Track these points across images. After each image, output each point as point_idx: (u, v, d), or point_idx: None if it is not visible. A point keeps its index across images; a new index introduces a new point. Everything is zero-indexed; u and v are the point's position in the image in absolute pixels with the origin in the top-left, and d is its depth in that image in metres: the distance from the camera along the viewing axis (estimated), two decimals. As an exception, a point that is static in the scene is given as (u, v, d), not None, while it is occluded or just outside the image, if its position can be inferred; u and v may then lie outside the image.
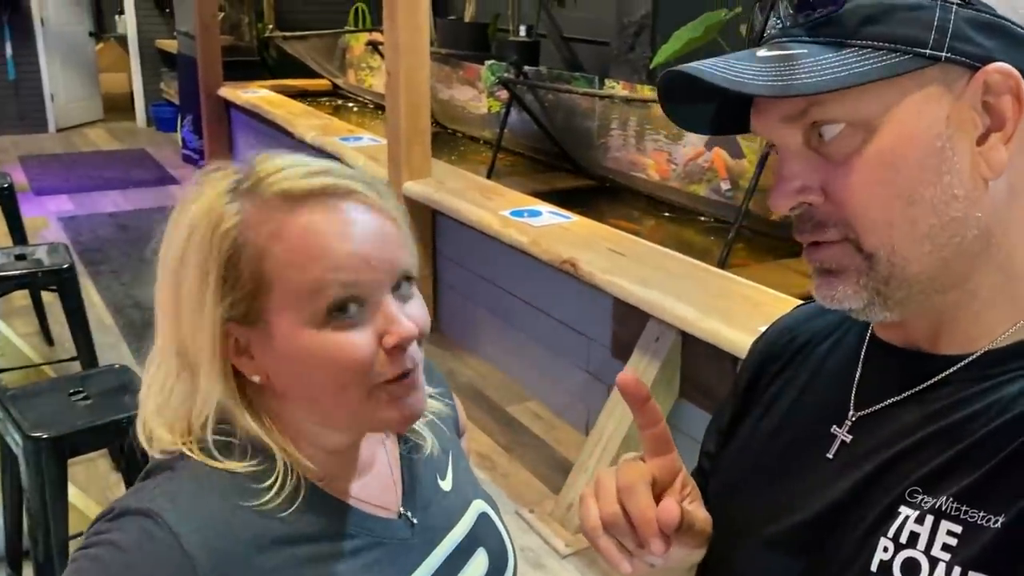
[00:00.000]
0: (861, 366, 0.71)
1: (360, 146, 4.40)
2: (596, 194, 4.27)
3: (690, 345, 2.50)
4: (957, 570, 0.57)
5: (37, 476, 1.96)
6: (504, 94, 4.66)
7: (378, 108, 6.08)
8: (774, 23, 0.64)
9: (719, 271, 2.79)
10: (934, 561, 0.58)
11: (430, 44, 5.76)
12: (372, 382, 0.73)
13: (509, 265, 3.43)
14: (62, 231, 5.45)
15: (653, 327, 2.60)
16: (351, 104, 6.61)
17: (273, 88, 6.23)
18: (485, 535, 0.91)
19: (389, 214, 0.76)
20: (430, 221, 3.88)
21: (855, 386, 0.70)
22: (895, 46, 0.58)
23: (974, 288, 0.62)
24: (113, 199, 6.21)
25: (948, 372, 0.64)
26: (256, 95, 5.85)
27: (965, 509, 0.58)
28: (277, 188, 0.73)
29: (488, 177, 4.20)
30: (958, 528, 0.58)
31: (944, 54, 0.58)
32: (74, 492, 2.34)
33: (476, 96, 5.22)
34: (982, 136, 0.60)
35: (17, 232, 3.90)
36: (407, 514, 0.84)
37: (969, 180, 0.60)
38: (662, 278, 2.64)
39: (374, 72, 6.35)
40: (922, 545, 0.59)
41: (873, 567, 0.61)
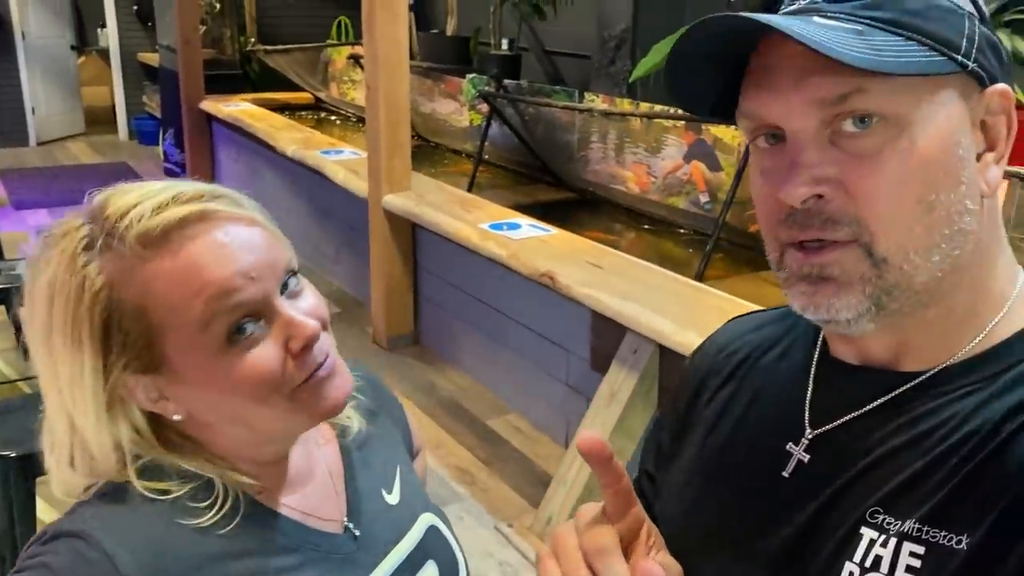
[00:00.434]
0: (813, 383, 0.69)
1: (341, 159, 4.39)
2: (577, 206, 4.27)
3: (668, 358, 2.50)
4: None
5: (4, 495, 1.94)
6: (485, 107, 4.67)
7: (360, 121, 6.08)
8: None
9: (696, 284, 2.79)
10: None
11: (412, 58, 5.80)
12: (291, 387, 0.73)
13: (489, 278, 3.42)
14: (41, 245, 5.39)
15: (631, 340, 2.60)
16: (334, 117, 6.61)
17: (255, 101, 6.21)
18: (435, 548, 0.90)
19: (251, 219, 0.75)
20: (410, 234, 3.87)
21: (807, 403, 0.68)
22: (935, 44, 0.57)
23: (951, 305, 0.62)
24: (93, 213, 6.15)
25: (904, 388, 0.63)
26: (238, 108, 5.84)
27: (928, 530, 0.57)
28: (134, 234, 0.70)
29: (469, 190, 4.19)
30: (921, 550, 0.57)
31: (972, 64, 0.58)
32: (43, 507, 2.32)
33: (458, 109, 5.23)
34: (979, 154, 0.60)
35: (-6, 247, 3.87)
36: (351, 527, 0.83)
37: (976, 194, 0.60)
38: (639, 291, 2.64)
39: (356, 85, 6.35)
40: (886, 567, 0.58)
41: None
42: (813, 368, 0.70)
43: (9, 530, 1.96)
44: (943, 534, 0.56)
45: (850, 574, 0.59)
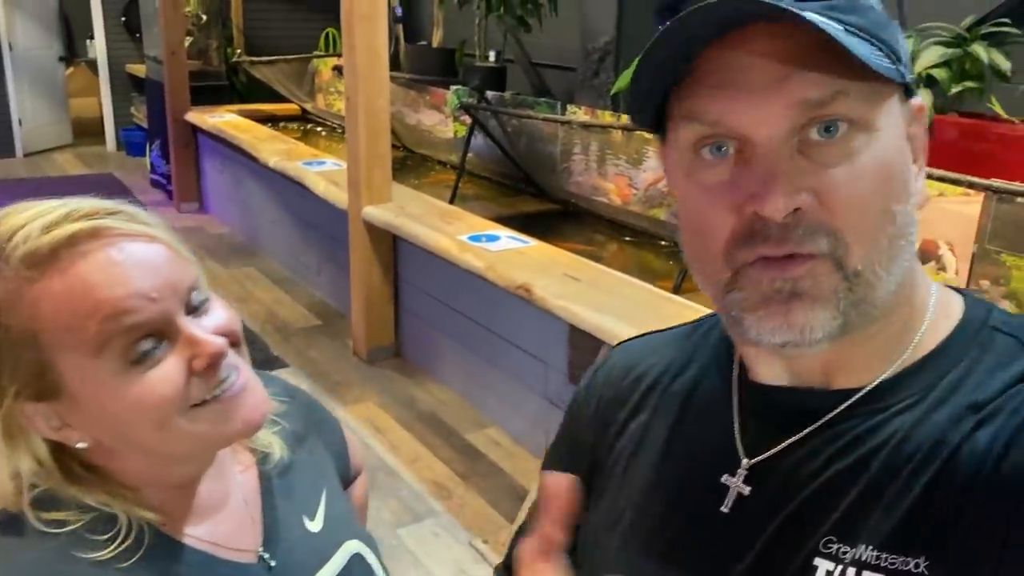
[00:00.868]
0: (738, 408, 0.66)
1: (323, 170, 4.37)
2: (559, 218, 4.26)
3: (643, 371, 2.48)
4: None
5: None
6: (468, 119, 4.66)
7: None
8: None
9: (672, 296, 2.77)
10: None
11: (399, 70, 5.79)
12: (191, 405, 0.70)
13: (469, 290, 3.40)
14: (23, 257, 5.36)
15: (607, 353, 2.57)
16: (320, 129, 6.59)
17: (241, 113, 6.20)
18: None
19: (150, 236, 0.71)
20: (391, 246, 3.85)
21: (737, 431, 0.65)
22: (888, 52, 0.56)
23: (892, 319, 0.60)
24: (77, 224, 6.12)
25: (842, 408, 0.60)
26: (222, 120, 5.82)
27: (885, 556, 0.55)
28: (20, 254, 0.66)
29: (451, 202, 4.18)
30: None
31: (909, 75, 0.57)
32: None
33: (442, 121, 5.22)
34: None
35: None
36: (266, 557, 0.81)
37: (915, 205, 0.58)
38: (616, 303, 2.62)
39: (342, 96, 6.33)
40: None
41: None
42: (736, 393, 0.67)
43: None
44: (901, 559, 0.54)
45: None
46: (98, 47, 8.61)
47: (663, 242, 3.81)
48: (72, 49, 9.67)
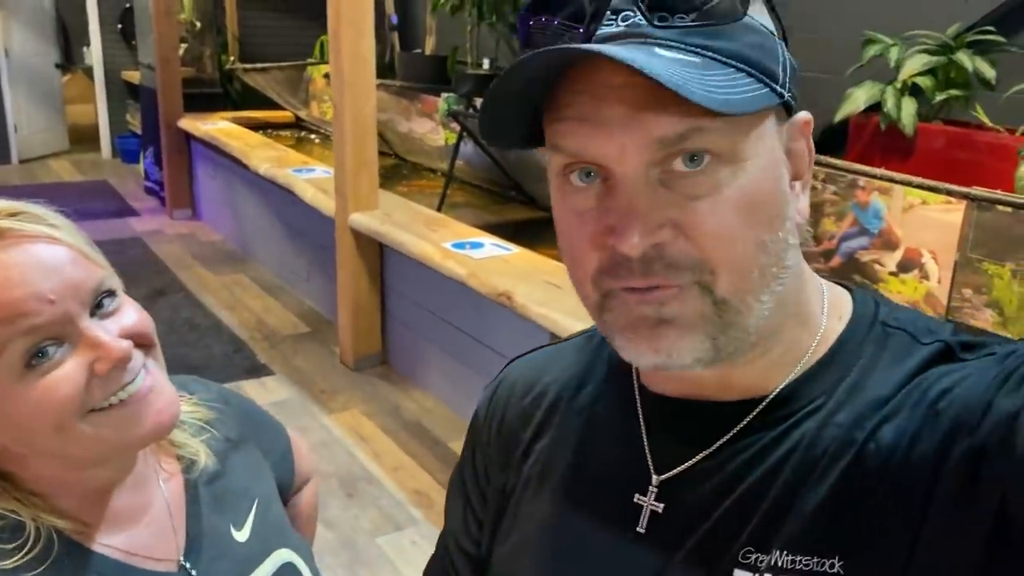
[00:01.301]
0: (645, 424, 0.65)
1: (312, 178, 4.37)
2: (548, 225, 4.23)
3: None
4: None
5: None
6: (458, 126, 4.65)
7: (339, 140, 6.06)
8: (625, 11, 0.53)
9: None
10: None
11: (393, 77, 5.79)
12: (89, 408, 0.69)
13: (454, 298, 3.39)
14: (13, 263, 5.35)
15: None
16: (313, 136, 6.60)
17: (235, 120, 6.20)
18: None
19: (52, 237, 0.70)
20: (378, 253, 3.84)
21: (647, 448, 0.64)
22: (761, 75, 0.54)
23: (777, 339, 0.60)
24: (70, 231, 6.13)
25: (747, 419, 0.60)
26: (215, 127, 5.82)
27: (800, 559, 0.55)
28: None
29: (439, 209, 4.17)
30: None
31: (787, 94, 0.56)
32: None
33: (434, 128, 5.21)
34: (789, 183, 0.58)
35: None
36: (187, 566, 0.79)
37: (794, 227, 0.57)
38: (596, 311, 2.61)
39: (335, 104, 6.34)
40: None
41: None
42: (639, 408, 0.66)
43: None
44: (816, 560, 0.55)
45: None
46: (94, 54, 8.63)
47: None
48: (69, 56, 9.70)
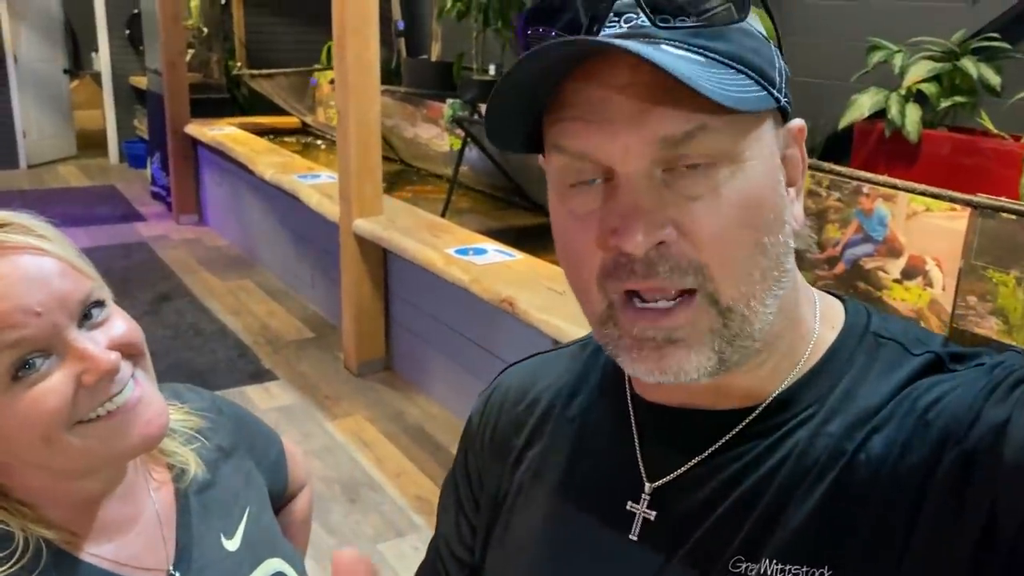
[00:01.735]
0: (638, 431, 0.65)
1: (317, 183, 4.38)
2: (551, 231, 4.24)
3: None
4: None
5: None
6: (462, 132, 4.65)
7: (345, 146, 6.07)
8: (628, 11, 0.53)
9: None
10: None
11: (399, 83, 5.80)
12: (77, 420, 0.69)
13: (457, 304, 3.39)
14: (20, 268, 5.37)
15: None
16: (319, 142, 6.61)
17: (242, 125, 6.22)
18: None
19: (40, 249, 0.70)
20: (381, 259, 3.84)
21: (640, 456, 0.64)
22: (759, 79, 0.54)
23: (776, 346, 0.59)
24: (77, 236, 6.12)
25: (740, 427, 0.60)
26: (221, 132, 5.84)
27: (789, 568, 0.55)
28: None
29: (443, 215, 4.17)
30: None
31: (783, 99, 0.56)
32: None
33: (439, 134, 5.22)
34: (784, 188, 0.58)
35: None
36: (176, 575, 0.79)
37: (791, 232, 0.57)
38: (599, 317, 2.60)
39: (342, 110, 6.35)
40: None
41: None
42: (632, 416, 0.65)
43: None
44: (805, 570, 0.55)
45: None
46: (102, 60, 8.67)
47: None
48: (77, 62, 9.75)
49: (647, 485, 0.62)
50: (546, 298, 2.75)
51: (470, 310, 3.28)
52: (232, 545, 0.85)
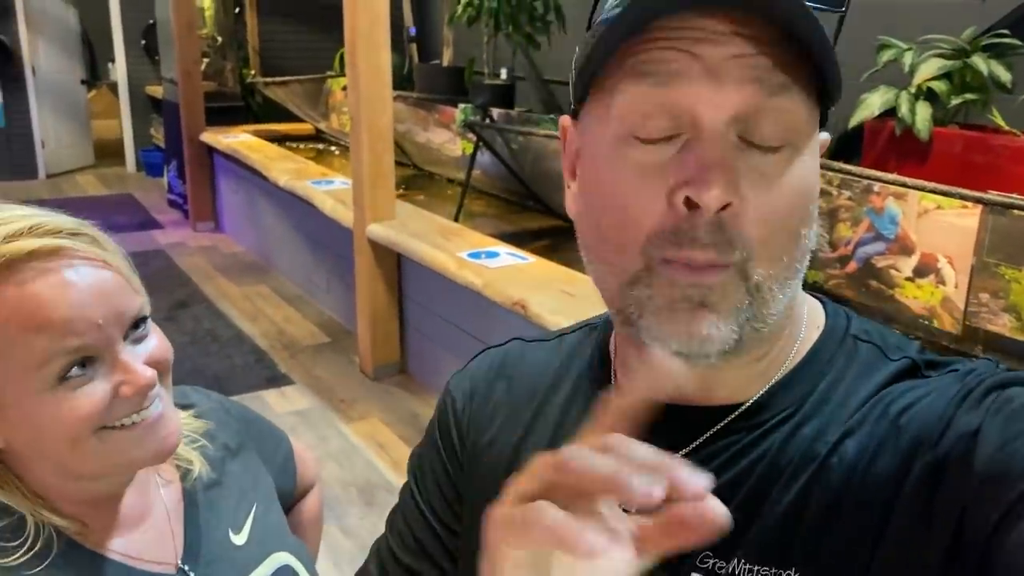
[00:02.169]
0: None
1: (330, 189, 4.41)
2: (564, 234, 4.26)
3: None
4: None
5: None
6: (474, 136, 4.68)
7: (359, 151, 6.11)
8: None
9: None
10: None
11: (412, 88, 5.84)
12: (105, 426, 0.72)
13: (470, 307, 3.41)
14: (40, 276, 5.44)
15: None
16: (333, 148, 6.66)
17: (256, 133, 6.28)
18: None
19: (105, 262, 0.74)
20: (395, 263, 3.87)
21: None
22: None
23: (776, 341, 0.60)
24: (95, 244, 6.22)
25: (722, 424, 0.60)
26: (236, 140, 5.89)
27: (758, 569, 0.55)
28: None
29: (456, 219, 4.19)
30: None
31: (832, 107, 0.56)
32: None
33: (451, 139, 5.25)
34: None
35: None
36: (185, 568, 0.81)
37: (816, 233, 0.58)
38: (611, 319, 2.61)
39: (355, 116, 6.39)
40: None
41: None
42: None
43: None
44: (773, 571, 0.55)
45: None
46: (119, 70, 8.77)
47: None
48: (94, 72, 9.87)
49: None
50: (558, 300, 2.77)
51: (483, 313, 3.30)
52: (240, 539, 0.88)
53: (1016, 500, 0.48)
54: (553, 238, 4.11)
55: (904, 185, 2.50)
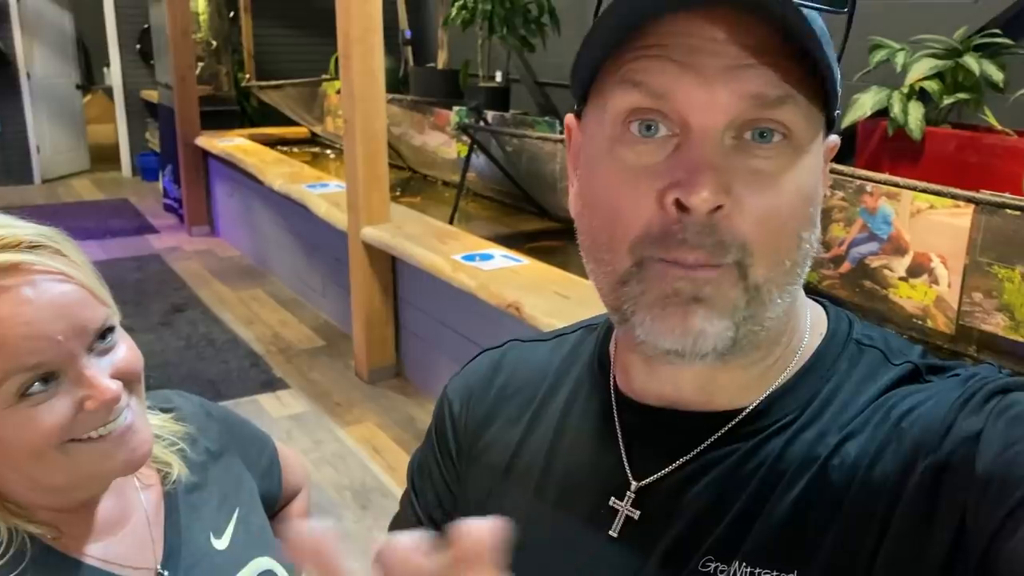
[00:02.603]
0: (622, 430, 0.64)
1: (325, 192, 4.41)
2: (559, 236, 4.26)
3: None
4: None
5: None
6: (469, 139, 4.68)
7: (354, 155, 6.10)
8: None
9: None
10: None
11: (406, 91, 5.84)
12: (67, 439, 0.71)
13: (465, 310, 3.41)
14: (35, 282, 5.43)
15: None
16: (328, 151, 6.65)
17: (251, 137, 6.28)
18: None
19: (66, 275, 0.72)
20: (390, 267, 3.87)
21: (624, 454, 0.63)
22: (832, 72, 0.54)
23: (774, 348, 0.60)
24: (91, 250, 6.20)
25: (724, 430, 0.60)
26: (231, 144, 5.89)
27: (759, 572, 0.55)
28: None
29: (450, 221, 4.19)
30: None
31: (838, 110, 0.56)
32: None
33: (446, 141, 5.24)
34: None
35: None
36: (164, 573, 0.81)
37: (817, 237, 0.57)
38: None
39: (350, 119, 6.38)
40: None
41: None
42: (616, 414, 0.65)
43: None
44: (774, 573, 0.55)
45: None
46: (114, 74, 8.76)
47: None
48: (89, 77, 9.86)
49: (633, 484, 0.62)
50: (552, 303, 2.77)
51: (478, 315, 3.30)
52: (221, 544, 0.87)
53: (1017, 504, 0.48)
54: (547, 240, 4.11)
55: (897, 185, 2.50)
